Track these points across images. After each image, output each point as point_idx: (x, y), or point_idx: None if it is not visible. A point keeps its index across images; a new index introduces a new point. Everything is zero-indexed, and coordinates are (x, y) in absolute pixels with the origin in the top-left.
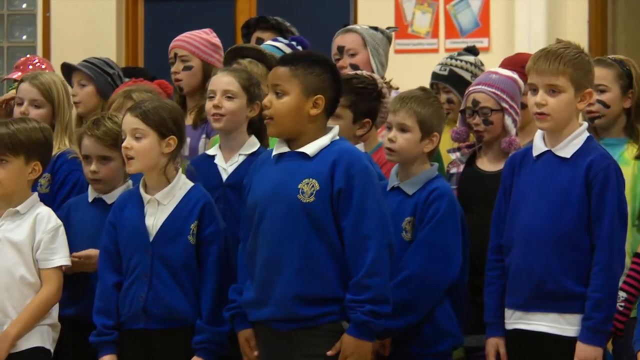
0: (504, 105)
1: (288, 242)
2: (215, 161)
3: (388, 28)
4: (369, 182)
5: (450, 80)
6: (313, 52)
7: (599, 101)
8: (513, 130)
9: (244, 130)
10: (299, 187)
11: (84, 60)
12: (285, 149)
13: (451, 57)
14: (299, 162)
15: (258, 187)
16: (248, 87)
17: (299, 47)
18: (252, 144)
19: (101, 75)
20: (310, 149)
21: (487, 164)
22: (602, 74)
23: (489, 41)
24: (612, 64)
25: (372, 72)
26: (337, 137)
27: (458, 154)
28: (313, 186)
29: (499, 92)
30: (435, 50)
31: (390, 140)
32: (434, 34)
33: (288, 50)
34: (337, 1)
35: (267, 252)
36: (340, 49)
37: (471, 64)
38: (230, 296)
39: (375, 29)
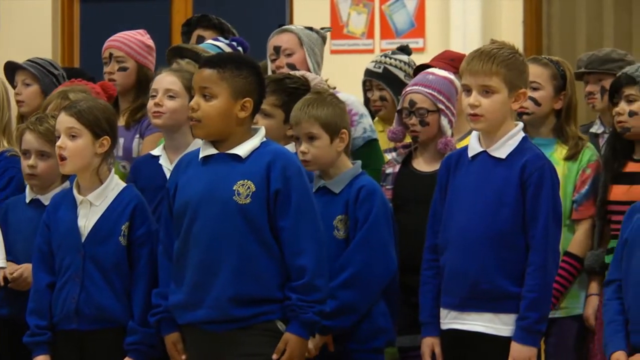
0: (440, 106)
1: (224, 244)
2: (160, 162)
3: (322, 28)
4: (304, 183)
5: (384, 78)
6: (239, 54)
7: (531, 98)
8: (449, 131)
9: (188, 131)
10: (234, 188)
11: (29, 60)
12: (214, 151)
13: (385, 56)
14: (230, 163)
15: (187, 189)
16: (190, 87)
17: (240, 48)
18: (196, 145)
19: (46, 76)
20: (242, 150)
21: (422, 165)
22: (537, 72)
23: (424, 42)
24: (548, 64)
25: (309, 71)
26: (265, 138)
27: (394, 154)
28: (249, 187)
29: (435, 93)
30: (371, 51)
31: (303, 153)
32: (370, 34)
33: (229, 50)
34: (272, 1)
35: (200, 254)
36: (277, 49)
37: (405, 63)
38: (154, 301)
39: (310, 29)
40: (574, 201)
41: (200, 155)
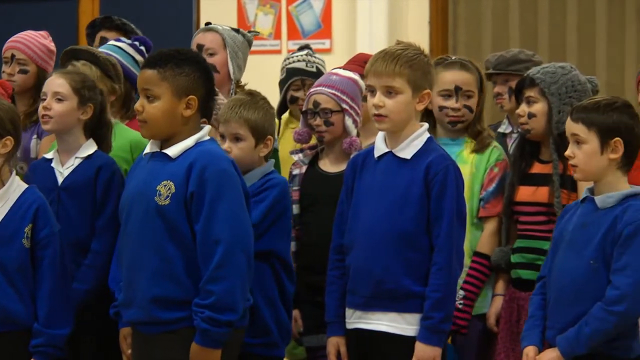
0: (344, 106)
1: (145, 244)
2: (52, 164)
3: (250, 32)
4: (223, 186)
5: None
6: (180, 50)
7: (466, 106)
8: (354, 131)
9: (79, 133)
10: (157, 188)
11: None
12: (156, 149)
13: (310, 55)
14: (162, 163)
15: (128, 187)
16: (80, 89)
17: (142, 47)
18: (89, 147)
19: None
20: (173, 150)
21: (329, 165)
22: (468, 80)
23: (331, 42)
24: (472, 68)
25: (229, 73)
26: (206, 138)
27: (300, 155)
28: (170, 188)
29: (339, 93)
30: (278, 52)
31: (226, 152)
32: (277, 35)
33: (131, 51)
34: (180, 2)
35: (130, 253)
36: (200, 47)
37: (324, 62)
38: (116, 295)
39: (237, 31)
40: (481, 199)
41: (144, 153)
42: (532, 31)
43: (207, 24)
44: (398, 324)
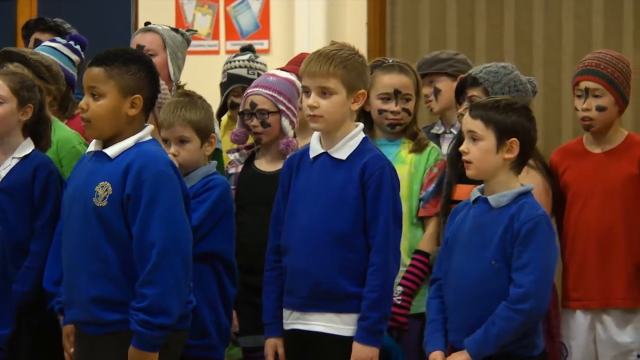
0: (281, 107)
1: (84, 245)
2: None
3: (188, 30)
4: (159, 188)
5: None
6: (127, 50)
7: (404, 109)
8: (291, 132)
9: (18, 133)
10: (95, 189)
11: None
12: (98, 148)
13: (252, 60)
14: (102, 163)
15: (69, 186)
16: (19, 90)
17: (77, 47)
18: (26, 147)
19: None
20: (112, 150)
21: (265, 165)
22: (407, 83)
23: (269, 43)
24: (410, 71)
25: (169, 74)
26: (147, 138)
27: (237, 154)
28: (107, 190)
29: (275, 94)
30: (216, 52)
31: (174, 155)
32: (215, 35)
33: (66, 51)
34: (118, 2)
35: (69, 253)
36: (139, 48)
37: (265, 65)
38: (52, 292)
39: (176, 30)
40: (421, 199)
41: (87, 151)
42: (469, 32)
43: (147, 23)
44: (335, 324)
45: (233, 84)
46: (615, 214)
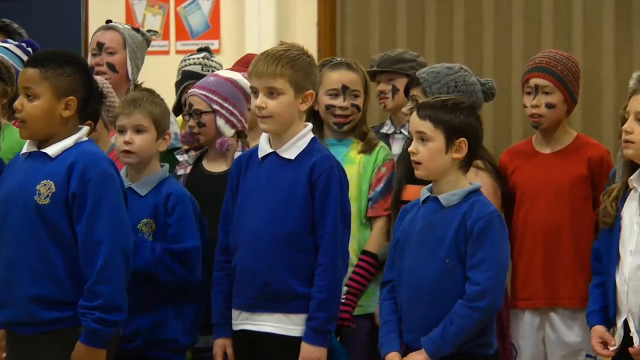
0: (215, 107)
1: (24, 244)
2: None
3: (149, 31)
4: (104, 188)
5: None
6: (64, 52)
7: (353, 105)
8: (229, 132)
9: None
10: (37, 188)
11: None
12: (33, 149)
13: (207, 58)
14: (41, 162)
15: (4, 186)
16: None
17: (30, 49)
18: None
19: None
20: (53, 149)
21: (212, 166)
22: (355, 80)
23: (220, 43)
24: (358, 69)
25: (127, 73)
26: (85, 139)
27: (185, 156)
28: (50, 188)
29: (209, 95)
30: (167, 52)
31: (127, 143)
32: (165, 36)
33: (19, 52)
34: (68, 2)
35: (7, 252)
36: (100, 46)
37: (221, 65)
38: None
39: (137, 30)
40: (370, 199)
41: (22, 153)
42: (419, 33)
43: (109, 22)
44: (284, 325)
45: (187, 80)
46: (563, 214)
